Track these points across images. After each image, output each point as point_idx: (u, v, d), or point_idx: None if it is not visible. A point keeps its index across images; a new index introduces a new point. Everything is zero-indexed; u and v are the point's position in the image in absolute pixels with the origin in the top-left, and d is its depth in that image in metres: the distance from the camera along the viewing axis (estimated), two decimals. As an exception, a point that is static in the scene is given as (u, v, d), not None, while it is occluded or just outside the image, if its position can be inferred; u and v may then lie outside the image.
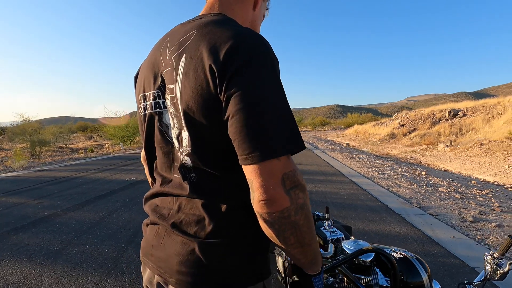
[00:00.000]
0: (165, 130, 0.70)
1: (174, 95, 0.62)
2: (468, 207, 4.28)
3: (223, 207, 0.63)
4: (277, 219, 0.53)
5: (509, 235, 0.88)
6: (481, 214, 3.90)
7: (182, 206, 0.67)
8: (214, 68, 0.54)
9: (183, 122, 0.62)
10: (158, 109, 0.70)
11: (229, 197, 0.64)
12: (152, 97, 0.70)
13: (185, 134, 0.63)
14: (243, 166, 0.55)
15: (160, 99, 0.68)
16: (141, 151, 0.97)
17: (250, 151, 0.52)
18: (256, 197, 0.53)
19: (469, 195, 5.10)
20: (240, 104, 0.52)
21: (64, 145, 23.05)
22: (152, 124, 0.72)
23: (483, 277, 1.02)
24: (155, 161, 0.78)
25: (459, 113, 17.41)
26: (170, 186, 0.70)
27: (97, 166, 8.80)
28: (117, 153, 14.27)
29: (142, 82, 0.73)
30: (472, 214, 3.88)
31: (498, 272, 1.00)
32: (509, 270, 0.93)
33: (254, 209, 0.55)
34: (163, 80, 0.66)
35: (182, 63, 0.60)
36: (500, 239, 3.04)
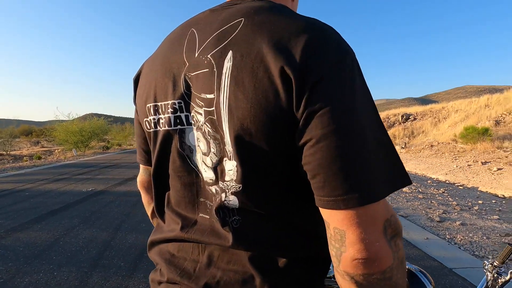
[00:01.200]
0: (187, 154, 0.52)
1: (213, 108, 0.45)
2: (432, 207, 4.55)
3: (281, 261, 0.47)
4: (376, 282, 0.39)
5: (508, 243, 0.86)
6: (445, 214, 4.16)
7: (214, 258, 0.50)
8: (289, 71, 0.38)
9: (229, 147, 0.45)
10: (179, 126, 0.52)
11: (290, 247, 0.48)
12: (170, 109, 0.51)
13: (231, 165, 0.46)
14: (326, 211, 0.40)
15: (182, 112, 0.50)
16: (137, 176, 0.77)
17: (343, 191, 0.37)
18: (350, 254, 0.38)
19: (430, 195, 5.46)
20: (331, 125, 0.37)
21: (4, 152, 20.49)
22: (168, 144, 0.54)
23: (484, 286, 0.99)
24: (167, 193, 0.59)
25: (410, 117, 18.93)
26: (196, 230, 0.53)
27: (46, 176, 7.86)
28: (70, 160, 13.00)
29: (152, 88, 0.54)
30: (437, 214, 4.12)
31: (499, 280, 0.99)
32: (510, 278, 0.91)
33: (341, 268, 0.40)
34: (188, 87, 0.49)
35: (227, 64, 0.43)
36: (466, 237, 3.24)
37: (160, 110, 0.53)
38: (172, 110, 0.51)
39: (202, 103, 0.47)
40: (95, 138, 19.28)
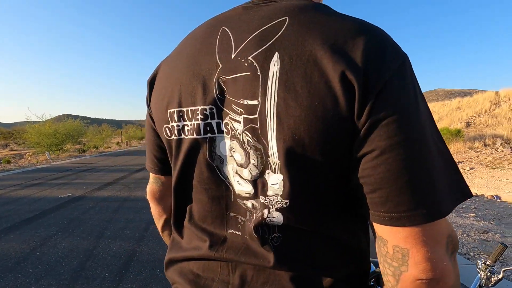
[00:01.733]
0: (217, 165, 0.48)
1: (256, 116, 0.42)
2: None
3: (326, 281, 0.44)
4: None
5: (501, 243, 0.90)
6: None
7: (247, 278, 0.46)
8: (351, 76, 0.36)
9: (274, 159, 0.41)
10: (209, 134, 0.47)
11: (333, 265, 0.45)
12: (200, 116, 0.47)
13: (276, 178, 0.42)
14: (385, 228, 0.38)
15: (213, 119, 0.46)
16: (147, 185, 0.71)
17: (409, 207, 0.35)
18: (413, 274, 0.36)
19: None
20: (397, 136, 0.35)
21: (-32, 156, 19.09)
22: (195, 154, 0.49)
23: (477, 285, 1.03)
24: (189, 206, 0.55)
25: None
26: (228, 249, 0.48)
27: (18, 181, 7.38)
28: (43, 164, 12.33)
29: (176, 92, 0.50)
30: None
31: (492, 279, 1.03)
32: (503, 277, 0.95)
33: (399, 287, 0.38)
34: (222, 92, 0.45)
35: (274, 67, 0.40)
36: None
37: (185, 116, 0.49)
38: (202, 117, 0.47)
39: (242, 110, 0.43)
40: (70, 141, 18.41)
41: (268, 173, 0.43)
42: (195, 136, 0.48)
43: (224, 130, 0.46)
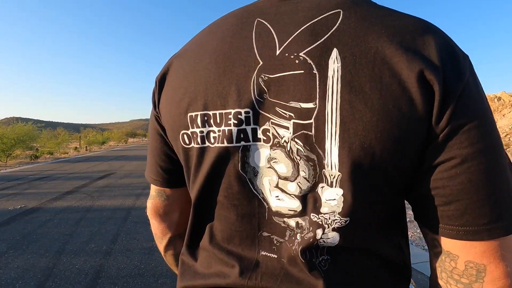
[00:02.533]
0: (250, 178, 0.42)
1: (311, 121, 0.37)
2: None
3: None
4: None
5: None
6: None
7: None
8: (431, 76, 0.32)
9: (333, 171, 0.37)
10: (242, 142, 0.41)
11: (382, 285, 0.42)
12: (233, 121, 0.41)
13: (333, 193, 0.38)
14: (458, 243, 0.35)
15: (249, 124, 0.40)
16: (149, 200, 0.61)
17: (490, 220, 0.33)
18: None
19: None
20: (480, 142, 0.32)
21: None
22: (223, 165, 0.43)
23: None
24: (209, 225, 0.48)
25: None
26: (263, 276, 0.43)
27: (-43, 193, 6.51)
28: (-13, 172, 11.04)
29: (200, 92, 0.43)
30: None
31: None
32: None
33: None
34: (261, 93, 0.39)
35: (334, 65, 0.35)
36: (415, 233, 3.57)
37: (212, 121, 0.42)
38: (235, 122, 0.41)
39: (291, 114, 0.38)
40: (21, 146, 16.71)
41: (322, 187, 0.38)
42: (225, 144, 0.42)
43: (262, 137, 0.40)
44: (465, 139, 0.33)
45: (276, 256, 0.43)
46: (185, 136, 0.45)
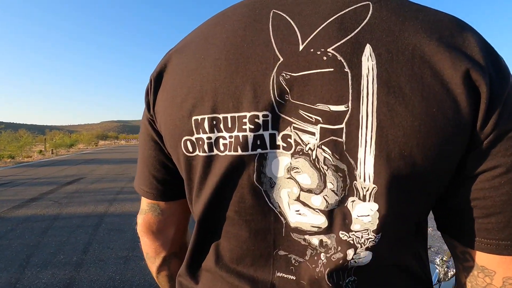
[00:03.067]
0: (265, 190, 0.38)
1: (342, 126, 0.33)
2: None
3: None
4: None
5: None
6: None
7: None
8: (477, 77, 0.30)
9: (366, 183, 0.33)
10: (259, 150, 0.37)
11: None
12: (249, 125, 0.36)
13: (367, 208, 0.34)
14: (495, 258, 0.33)
15: (266, 129, 0.36)
16: (141, 213, 0.54)
17: None
18: None
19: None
20: None
21: None
22: (235, 176, 0.38)
23: (436, 280, 1.12)
24: (214, 244, 0.43)
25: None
26: None
27: None
28: None
29: (208, 92, 0.38)
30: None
31: (449, 274, 1.13)
32: None
33: None
34: (282, 93, 0.35)
35: (368, 63, 0.32)
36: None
37: (221, 126, 0.37)
38: (252, 127, 0.36)
39: (318, 118, 0.34)
40: (-24, 150, 15.35)
41: (353, 201, 0.35)
42: (239, 152, 0.37)
43: (282, 144, 0.36)
44: (510, 147, 0.31)
45: (294, 278, 0.39)
46: (188, 143, 0.40)
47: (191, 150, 0.40)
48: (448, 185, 0.35)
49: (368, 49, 0.32)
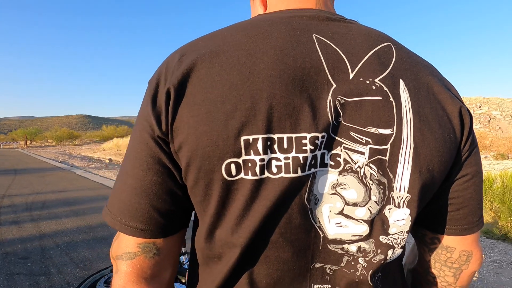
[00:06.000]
0: (311, 208, 0.38)
1: (387, 146, 0.38)
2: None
3: None
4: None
5: None
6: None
7: None
8: (465, 113, 0.41)
9: (400, 193, 0.39)
10: (312, 169, 0.37)
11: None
12: (310, 146, 0.36)
13: (402, 213, 0.40)
14: (456, 238, 0.46)
15: (320, 149, 0.37)
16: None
17: (478, 218, 0.46)
18: (472, 269, 0.47)
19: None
20: (479, 163, 0.44)
21: None
22: (288, 198, 0.37)
23: None
24: (248, 272, 0.39)
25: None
26: None
27: None
28: None
29: (263, 110, 0.35)
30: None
31: None
32: None
33: (458, 285, 0.48)
34: (337, 116, 0.37)
35: (405, 95, 0.38)
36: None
37: (275, 147, 0.35)
38: (312, 148, 0.36)
39: (368, 139, 0.37)
40: None
41: (390, 209, 0.40)
42: (298, 174, 0.36)
43: (330, 162, 0.38)
44: (473, 160, 0.43)
45: (329, 286, 0.41)
46: (232, 165, 0.35)
47: (234, 173, 0.36)
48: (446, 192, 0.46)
49: (402, 83, 0.39)
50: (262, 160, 0.35)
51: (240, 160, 0.35)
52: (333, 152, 0.38)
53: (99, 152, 23.30)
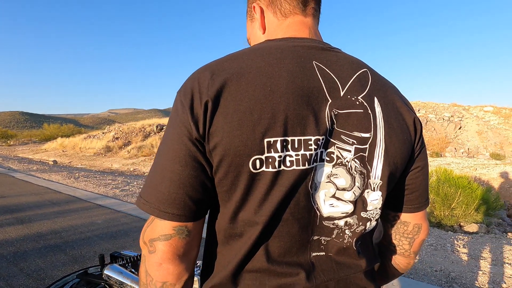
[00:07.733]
0: (312, 193, 0.50)
1: (366, 146, 0.51)
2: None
3: (375, 267, 0.64)
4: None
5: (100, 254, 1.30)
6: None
7: None
8: (417, 122, 0.56)
9: (375, 180, 0.52)
10: (315, 163, 0.49)
11: (374, 254, 0.64)
12: (314, 146, 0.48)
13: (376, 195, 0.53)
14: (411, 214, 0.61)
15: (320, 148, 0.49)
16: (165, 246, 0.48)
17: (426, 198, 0.61)
18: (422, 238, 0.63)
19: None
20: (427, 157, 0.59)
21: None
22: (297, 185, 0.48)
23: None
24: (264, 245, 0.50)
25: (164, 127, 20.74)
26: (324, 272, 0.53)
27: None
28: None
29: (280, 119, 0.46)
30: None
31: None
32: None
33: (412, 250, 0.64)
34: (332, 124, 0.49)
35: (378, 109, 0.52)
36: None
37: (289, 146, 0.47)
38: (315, 147, 0.48)
39: (354, 141, 0.50)
40: None
41: (368, 192, 0.53)
42: (306, 166, 0.48)
43: (326, 158, 0.50)
44: (423, 156, 0.59)
45: (324, 253, 0.53)
46: (257, 161, 0.45)
47: (258, 167, 0.46)
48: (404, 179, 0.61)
49: (376, 100, 0.53)
50: (280, 156, 0.46)
51: (263, 157, 0.46)
52: (328, 150, 0.50)
53: (41, 153, 21.03)
